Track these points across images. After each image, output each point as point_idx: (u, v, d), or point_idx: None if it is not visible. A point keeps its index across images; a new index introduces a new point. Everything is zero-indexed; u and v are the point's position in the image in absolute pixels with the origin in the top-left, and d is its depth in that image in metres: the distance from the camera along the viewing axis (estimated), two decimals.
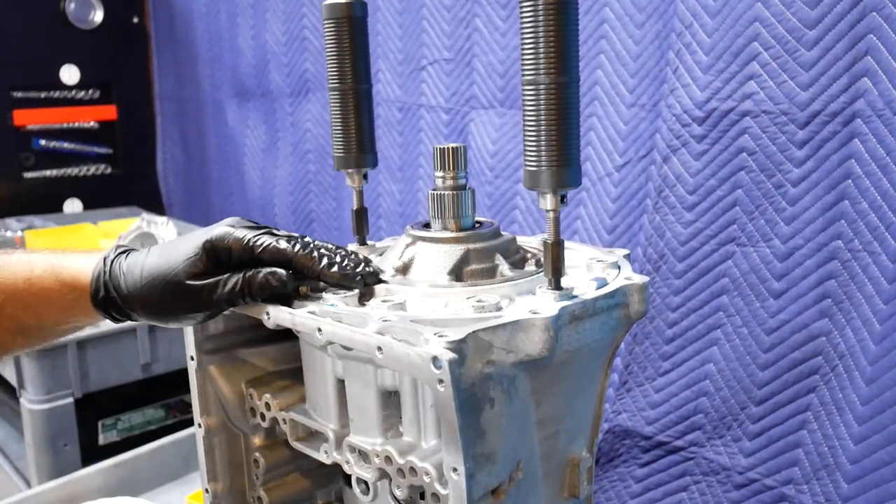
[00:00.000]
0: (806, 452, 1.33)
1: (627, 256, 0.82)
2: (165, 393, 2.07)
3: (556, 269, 0.69)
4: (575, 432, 0.75)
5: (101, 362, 1.74)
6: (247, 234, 0.73)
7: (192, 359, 0.83)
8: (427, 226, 0.80)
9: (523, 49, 0.66)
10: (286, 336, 0.83)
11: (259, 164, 2.65)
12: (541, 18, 0.64)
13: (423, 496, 0.69)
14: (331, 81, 0.87)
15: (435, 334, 0.60)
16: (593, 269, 0.77)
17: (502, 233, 0.79)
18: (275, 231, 0.74)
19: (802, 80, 1.28)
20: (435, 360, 0.58)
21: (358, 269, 0.72)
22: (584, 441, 0.77)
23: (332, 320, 0.67)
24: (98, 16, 2.95)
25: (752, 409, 1.39)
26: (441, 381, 0.58)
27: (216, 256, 0.74)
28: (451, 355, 0.58)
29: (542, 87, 0.65)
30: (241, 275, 0.72)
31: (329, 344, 0.68)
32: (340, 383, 0.74)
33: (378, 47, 2.14)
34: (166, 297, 0.75)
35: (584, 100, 1.66)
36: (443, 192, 0.78)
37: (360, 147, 0.88)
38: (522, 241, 0.84)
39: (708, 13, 1.39)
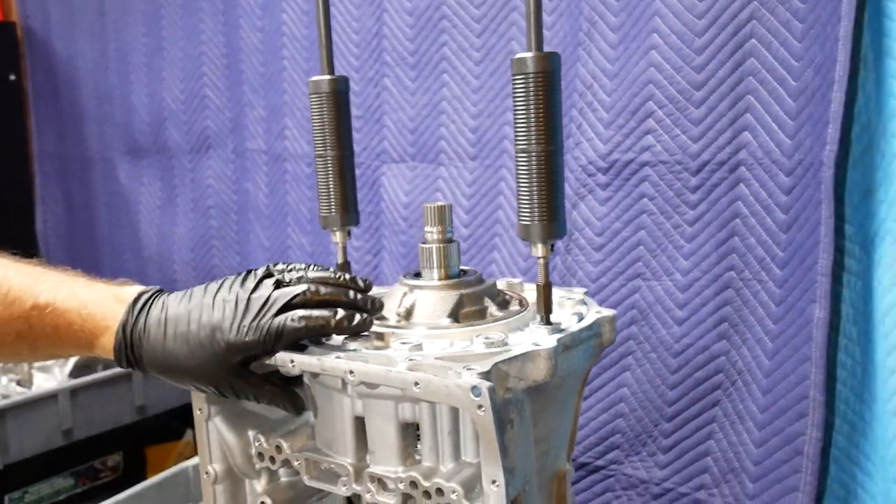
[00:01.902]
0: (714, 459, 1.50)
1: (586, 293, 0.95)
2: (75, 461, 2.03)
3: (547, 307, 0.81)
4: (560, 448, 0.86)
5: (20, 431, 1.70)
6: (258, 336, 0.79)
7: (199, 410, 0.89)
8: (417, 275, 0.90)
9: (517, 122, 0.78)
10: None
11: (156, 221, 2.64)
12: (531, 97, 0.76)
13: None
14: (317, 149, 0.96)
15: (464, 367, 0.70)
16: (565, 307, 0.89)
17: (484, 279, 0.91)
18: (279, 308, 0.81)
19: (693, 133, 1.47)
20: (474, 388, 0.68)
21: (360, 303, 0.81)
22: (566, 455, 0.88)
23: (362, 363, 0.75)
24: None
25: (663, 425, 1.55)
26: (481, 407, 0.68)
27: (241, 359, 0.81)
28: (488, 383, 0.68)
29: (533, 154, 0.77)
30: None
31: (357, 384, 0.76)
32: (358, 420, 0.82)
33: (284, 105, 2.22)
34: (186, 382, 0.83)
35: (495, 153, 1.81)
36: (433, 246, 0.88)
37: (344, 207, 0.97)
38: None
39: (606, 76, 1.58)
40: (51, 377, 1.88)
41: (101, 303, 0.87)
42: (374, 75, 2.02)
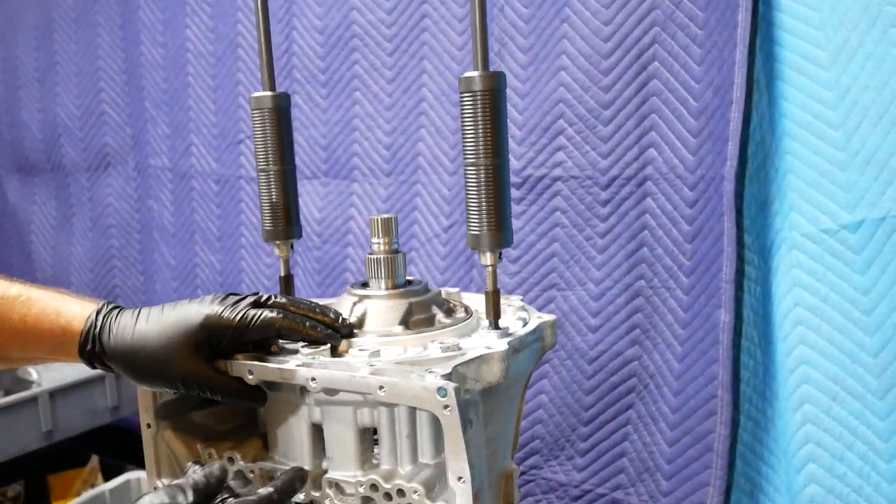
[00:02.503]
0: (630, 460, 1.57)
1: (523, 300, 1.00)
2: None
3: (496, 312, 0.85)
4: (506, 447, 0.90)
5: None
6: (236, 313, 0.80)
7: (147, 426, 0.88)
8: (365, 285, 0.92)
9: (465, 137, 0.82)
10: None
11: (51, 242, 2.54)
12: (479, 114, 0.80)
13: None
14: (259, 164, 0.97)
15: (426, 370, 0.73)
16: (507, 312, 0.93)
17: (430, 288, 0.94)
18: (256, 299, 0.83)
19: (602, 150, 1.55)
20: (440, 389, 0.71)
21: (337, 324, 0.83)
22: (510, 454, 0.92)
23: (324, 370, 0.77)
24: None
25: (581, 429, 1.62)
26: (447, 407, 0.71)
27: (209, 337, 0.80)
28: (454, 384, 0.71)
29: (481, 167, 0.81)
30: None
31: (318, 391, 0.77)
32: (315, 428, 0.83)
33: (190, 122, 2.19)
34: (149, 369, 0.81)
35: (409, 169, 1.84)
36: (380, 256, 0.91)
37: (287, 220, 0.98)
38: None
39: (518, 94, 1.64)
40: None
41: (76, 298, 0.86)
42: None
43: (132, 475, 1.59)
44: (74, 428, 1.84)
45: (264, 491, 0.76)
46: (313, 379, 0.77)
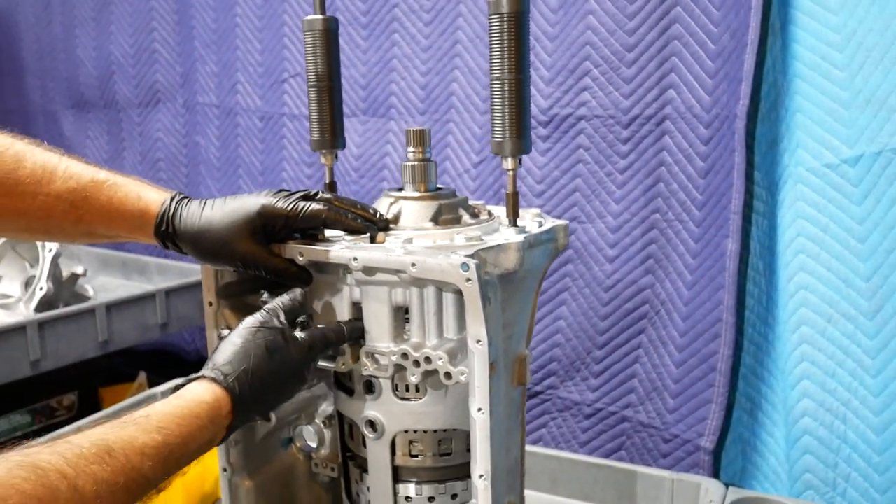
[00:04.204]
0: (640, 381, 1.69)
1: (540, 210, 1.11)
2: (32, 398, 2.10)
3: (514, 211, 0.97)
4: (521, 335, 1.02)
5: None
6: (288, 204, 0.93)
7: (209, 304, 1.01)
8: (400, 189, 1.04)
9: (492, 54, 0.93)
10: (275, 286, 1.05)
11: None
12: (505, 31, 0.91)
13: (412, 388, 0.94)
14: (309, 80, 1.09)
15: (452, 252, 0.85)
16: (525, 218, 1.05)
17: (457, 194, 1.05)
18: (305, 194, 0.95)
19: (624, 91, 1.65)
20: (463, 265, 0.83)
21: (375, 218, 0.95)
22: (525, 342, 1.04)
23: (365, 251, 0.89)
24: None
25: (595, 352, 1.74)
26: (469, 280, 0.83)
27: (265, 223, 0.93)
28: (475, 261, 0.83)
29: (505, 81, 0.92)
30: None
31: (359, 270, 0.90)
32: (354, 306, 0.96)
33: (237, 61, 2.31)
34: (213, 248, 0.94)
35: (441, 109, 1.95)
36: (414, 163, 1.02)
37: (333, 131, 1.10)
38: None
39: (547, 37, 1.74)
40: (15, 314, 1.94)
41: (154, 187, 0.99)
42: None
43: (181, 380, 1.74)
44: (127, 340, 2.00)
45: (335, 325, 0.93)
46: (355, 258, 0.89)
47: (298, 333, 0.90)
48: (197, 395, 0.83)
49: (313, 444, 1.11)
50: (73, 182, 0.95)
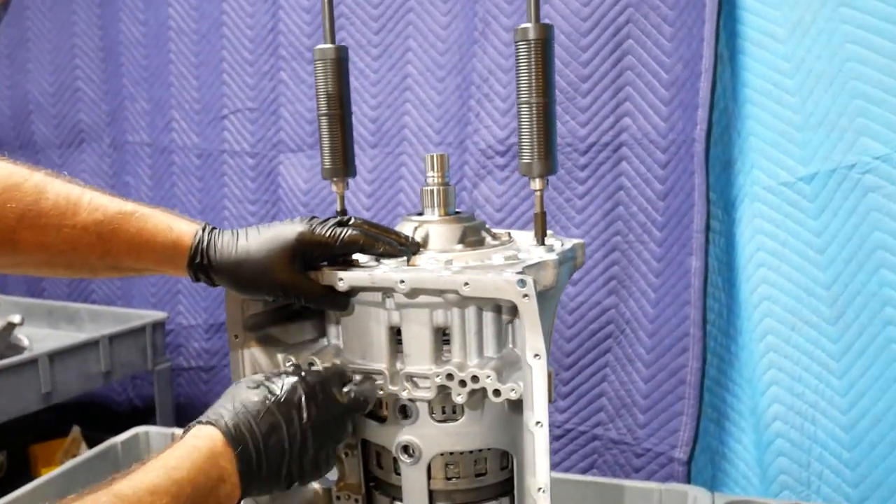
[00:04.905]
0: (608, 399, 1.74)
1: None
2: None
3: (543, 231, 0.99)
4: (548, 350, 1.04)
5: None
6: (326, 230, 0.92)
7: (235, 336, 0.99)
8: (420, 214, 1.05)
9: (519, 79, 0.96)
10: (300, 316, 1.04)
11: None
12: (532, 57, 0.95)
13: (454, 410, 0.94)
14: (319, 109, 1.09)
15: (500, 270, 0.87)
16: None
17: (475, 217, 1.08)
18: (339, 220, 0.95)
19: (581, 119, 1.72)
20: (520, 281, 0.85)
21: (407, 243, 0.96)
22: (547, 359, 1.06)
23: (412, 273, 0.90)
24: None
25: (563, 374, 1.78)
26: (526, 296, 0.85)
27: (303, 250, 0.92)
28: (531, 276, 0.85)
29: (533, 105, 0.96)
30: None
31: (406, 292, 0.90)
32: (391, 330, 0.95)
33: (171, 98, 2.26)
34: (253, 278, 0.92)
35: (394, 141, 1.97)
36: (434, 188, 1.04)
37: (344, 159, 1.10)
38: None
39: (501, 70, 1.80)
40: None
41: (182, 217, 0.96)
42: (270, 69, 2.12)
43: (140, 429, 1.66)
44: (71, 391, 1.89)
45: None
46: (402, 281, 0.89)
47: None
48: (191, 436, 0.82)
49: (333, 477, 1.09)
50: (99, 214, 0.91)
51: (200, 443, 0.80)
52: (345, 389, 0.92)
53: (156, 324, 2.10)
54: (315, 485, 1.11)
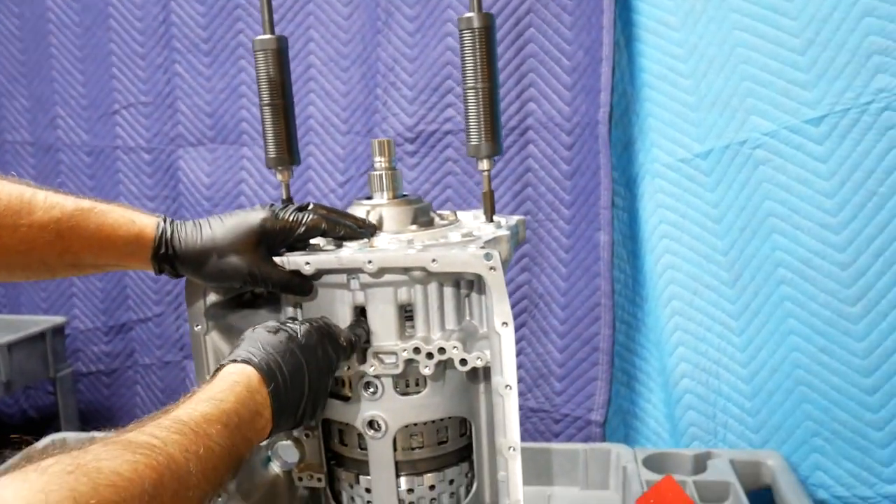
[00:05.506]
0: (525, 371, 1.83)
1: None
2: None
3: (492, 209, 1.05)
4: None
5: None
6: (289, 215, 0.94)
7: (197, 325, 0.99)
8: (369, 198, 1.09)
9: (465, 66, 1.01)
10: (256, 303, 1.06)
11: None
12: (476, 46, 1.00)
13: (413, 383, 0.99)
14: (262, 100, 1.10)
15: (463, 246, 0.93)
16: (480, 217, 1.13)
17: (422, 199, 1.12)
18: (298, 206, 0.97)
19: None
20: (487, 255, 0.90)
21: (365, 225, 0.99)
22: None
23: (379, 252, 0.94)
24: None
25: None
26: (493, 268, 0.90)
27: (267, 236, 0.93)
28: (496, 250, 0.91)
29: (479, 90, 1.01)
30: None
31: (373, 272, 0.94)
32: (356, 310, 0.99)
33: (55, 94, 2.16)
34: (219, 266, 0.92)
35: (301, 130, 1.98)
36: (383, 172, 1.08)
37: (289, 148, 1.12)
38: None
39: (406, 59, 1.84)
40: None
41: (139, 210, 0.95)
42: (164, 62, 2.07)
43: (57, 436, 1.61)
44: None
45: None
46: (370, 261, 0.93)
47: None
48: (228, 373, 0.84)
49: (294, 459, 1.11)
50: (56, 211, 0.90)
51: (239, 378, 0.82)
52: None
53: (55, 329, 2.01)
54: (276, 468, 1.13)
